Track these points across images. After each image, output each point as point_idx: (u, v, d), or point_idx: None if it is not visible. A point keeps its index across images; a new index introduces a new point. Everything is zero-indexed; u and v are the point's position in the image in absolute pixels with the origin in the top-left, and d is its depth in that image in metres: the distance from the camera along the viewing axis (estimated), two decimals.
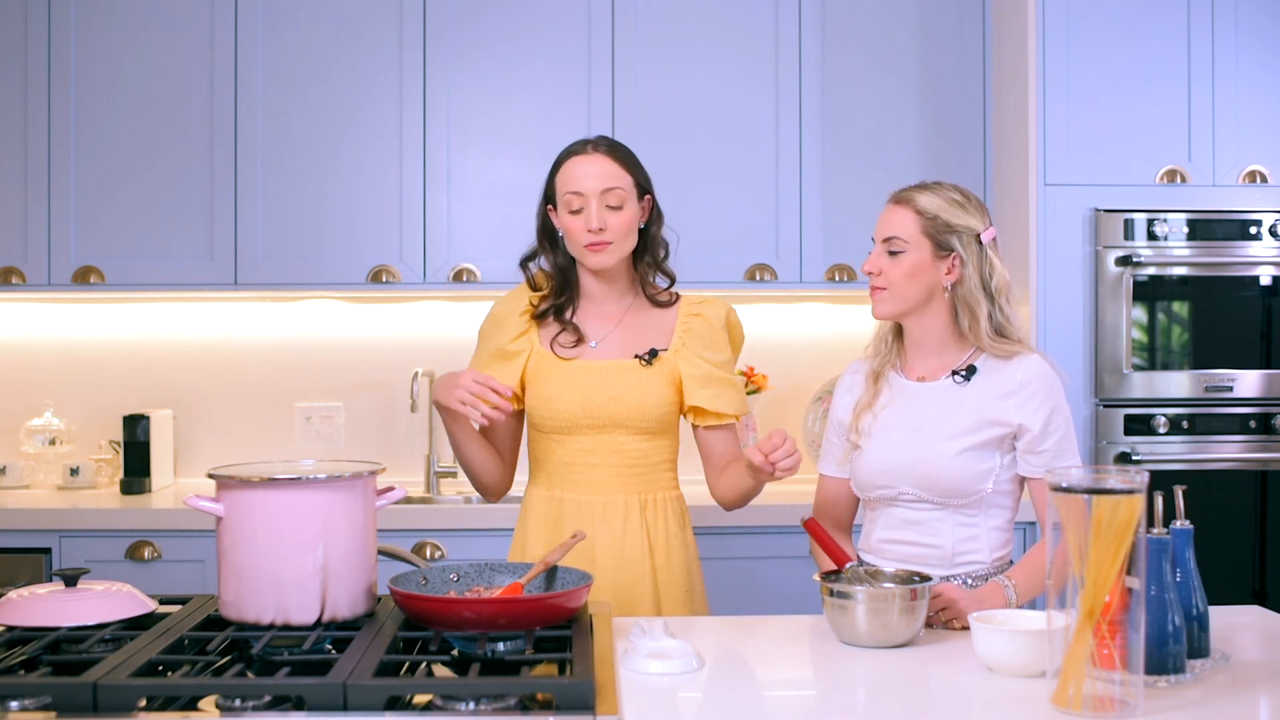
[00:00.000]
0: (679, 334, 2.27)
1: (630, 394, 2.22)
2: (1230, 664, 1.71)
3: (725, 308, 2.32)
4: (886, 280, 2.13)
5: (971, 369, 2.14)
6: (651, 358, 2.25)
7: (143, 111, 3.41)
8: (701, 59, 3.46)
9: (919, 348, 2.19)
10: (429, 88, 3.42)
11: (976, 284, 2.12)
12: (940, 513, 2.12)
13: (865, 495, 2.21)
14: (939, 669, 1.71)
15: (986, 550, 2.13)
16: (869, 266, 2.16)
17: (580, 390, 2.22)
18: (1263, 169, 3.22)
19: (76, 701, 1.41)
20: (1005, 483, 2.13)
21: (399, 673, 1.54)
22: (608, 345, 2.27)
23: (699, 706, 1.59)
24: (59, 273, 3.39)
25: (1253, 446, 3.22)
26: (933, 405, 2.14)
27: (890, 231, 2.13)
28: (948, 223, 2.11)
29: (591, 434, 2.23)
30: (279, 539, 1.70)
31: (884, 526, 2.18)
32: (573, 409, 2.21)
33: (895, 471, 2.13)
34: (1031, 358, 2.13)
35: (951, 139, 3.49)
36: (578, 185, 2.21)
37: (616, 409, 2.21)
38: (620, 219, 2.21)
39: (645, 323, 2.30)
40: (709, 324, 2.28)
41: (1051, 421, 2.10)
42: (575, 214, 2.21)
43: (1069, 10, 3.21)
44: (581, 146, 2.27)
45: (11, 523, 3.11)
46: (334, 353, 3.71)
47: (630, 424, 2.22)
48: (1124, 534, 1.46)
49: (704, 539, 3.14)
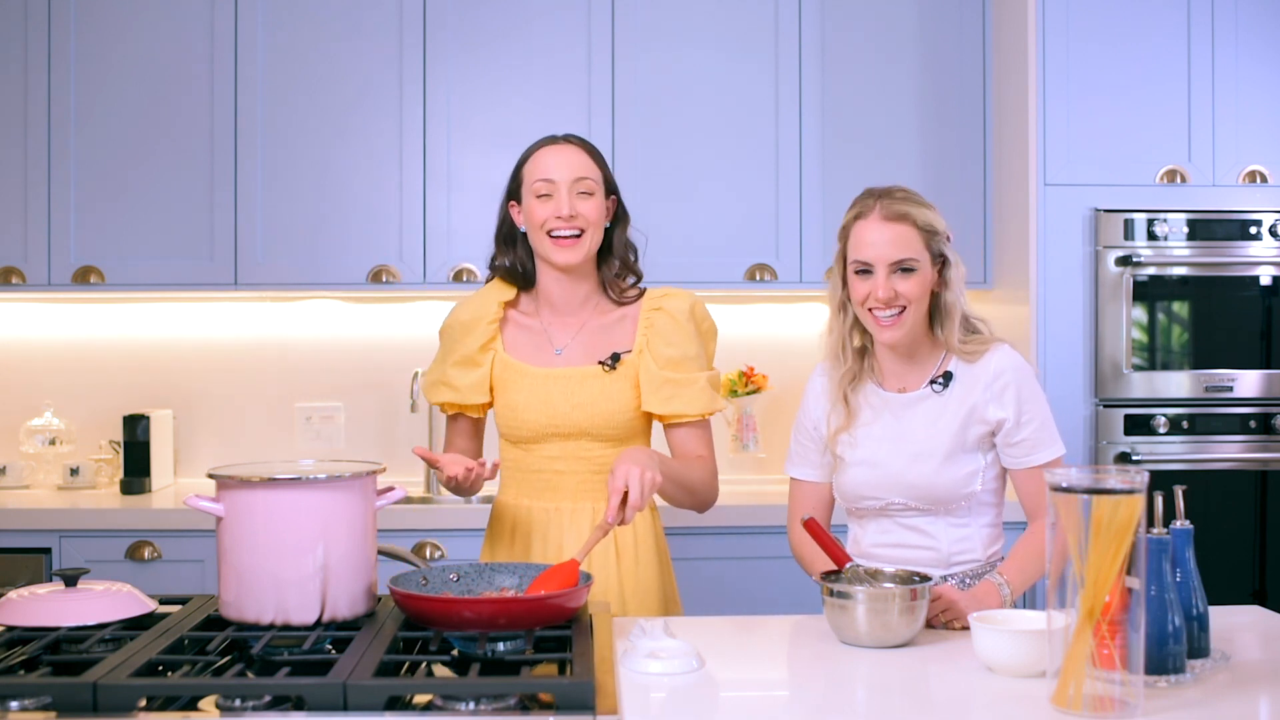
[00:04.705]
0: (641, 332, 2.21)
1: (594, 402, 2.18)
2: (1230, 664, 1.71)
3: (689, 300, 2.24)
4: (907, 300, 2.05)
5: (948, 375, 2.13)
6: (614, 363, 2.19)
7: (143, 112, 3.41)
8: (701, 60, 3.46)
9: (900, 359, 2.15)
10: (429, 87, 3.42)
11: (957, 288, 2.11)
12: (932, 517, 2.12)
13: (852, 507, 2.19)
14: (939, 669, 1.71)
15: (980, 548, 2.13)
16: (884, 292, 2.04)
17: (545, 399, 2.18)
18: (1263, 169, 3.22)
19: (76, 701, 1.41)
20: (991, 480, 2.13)
21: (399, 673, 1.54)
22: (572, 351, 2.23)
23: (699, 706, 1.59)
24: (59, 273, 3.39)
25: (1253, 446, 3.22)
26: (917, 417, 2.13)
27: (902, 252, 2.05)
28: (938, 230, 2.10)
29: (558, 442, 2.19)
30: (279, 539, 1.70)
31: (875, 532, 2.17)
32: (538, 418, 2.18)
33: (884, 486, 2.12)
34: (999, 350, 2.11)
35: (951, 140, 3.49)
36: (549, 173, 2.17)
37: (581, 417, 2.17)
38: (591, 206, 2.17)
39: (609, 325, 2.24)
40: (671, 317, 2.21)
41: (1024, 409, 2.08)
42: (543, 199, 2.17)
43: (1069, 10, 3.21)
44: (552, 139, 2.24)
45: (11, 523, 3.11)
46: (334, 353, 3.71)
47: (595, 431, 2.18)
48: (1124, 534, 1.46)
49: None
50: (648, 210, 3.43)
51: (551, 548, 2.19)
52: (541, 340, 2.25)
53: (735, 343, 3.70)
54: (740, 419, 3.62)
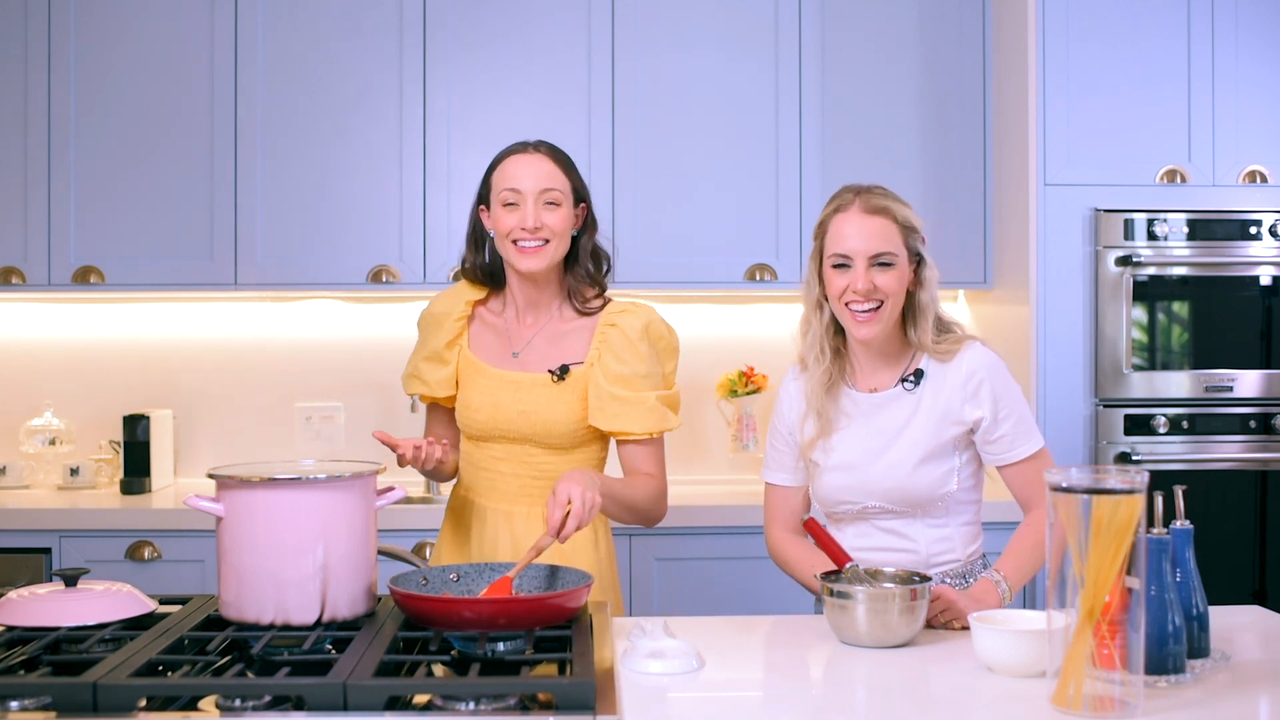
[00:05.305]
0: (594, 346, 2.21)
1: (538, 410, 2.19)
2: (1230, 664, 1.71)
3: (644, 318, 2.23)
4: (884, 294, 2.06)
5: (919, 373, 2.12)
6: (562, 374, 2.20)
7: (143, 112, 3.41)
8: (701, 60, 3.46)
9: (873, 359, 2.15)
10: (429, 88, 3.42)
11: (931, 288, 2.11)
12: (910, 519, 2.12)
13: (830, 511, 2.19)
14: (939, 669, 1.71)
15: (960, 547, 2.13)
16: (862, 285, 2.04)
17: (495, 400, 2.21)
18: (1263, 169, 3.22)
19: (76, 701, 1.41)
20: (968, 478, 2.13)
21: (399, 673, 1.54)
22: (528, 356, 2.24)
23: (699, 706, 1.59)
24: (59, 273, 3.39)
25: (1253, 446, 3.21)
26: (890, 417, 2.12)
27: (881, 245, 2.06)
28: (916, 228, 2.11)
29: (505, 443, 2.22)
30: (279, 539, 1.70)
31: (855, 535, 2.17)
32: (486, 417, 2.21)
33: (860, 489, 2.12)
34: (972, 348, 2.11)
35: (951, 141, 3.49)
36: (516, 182, 2.18)
37: (525, 424, 2.19)
38: (557, 218, 2.18)
39: (568, 333, 2.25)
40: (624, 334, 2.20)
41: (1001, 406, 2.08)
42: (509, 207, 2.18)
43: (1069, 10, 3.21)
44: (522, 146, 2.24)
45: (11, 523, 3.11)
46: (334, 353, 3.71)
47: (539, 439, 2.20)
48: (1124, 534, 1.46)
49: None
50: (648, 210, 3.45)
51: (487, 544, 2.22)
52: (503, 341, 2.28)
53: (735, 343, 3.71)
54: (740, 419, 3.62)
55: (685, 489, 3.49)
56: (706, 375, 3.67)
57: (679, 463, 3.70)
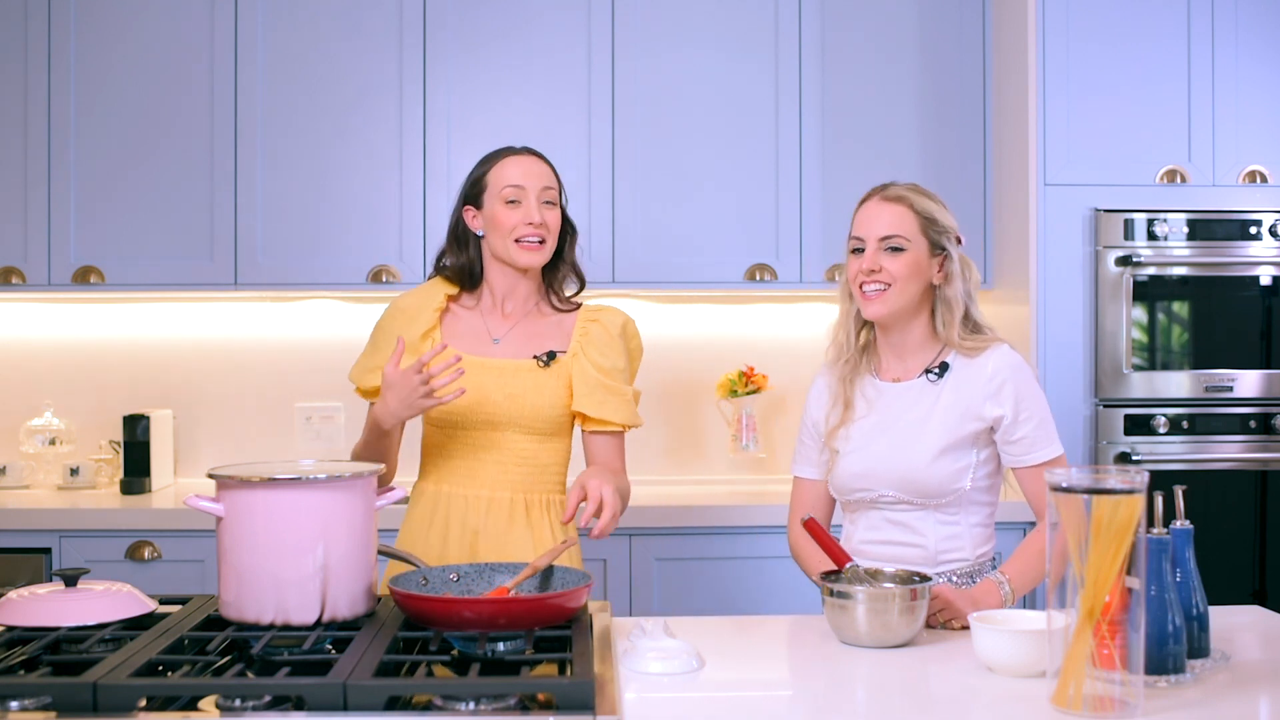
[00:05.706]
0: (577, 338, 2.28)
1: (525, 394, 2.23)
2: (1230, 664, 1.71)
3: (622, 317, 2.33)
4: (890, 276, 2.11)
5: (944, 365, 2.15)
6: (549, 359, 2.26)
7: (143, 112, 3.41)
8: (701, 60, 3.46)
9: (897, 349, 2.19)
10: (429, 88, 3.42)
11: (960, 284, 2.13)
12: (921, 513, 2.13)
13: (844, 498, 2.21)
14: (939, 669, 1.71)
15: (970, 547, 2.13)
16: (869, 264, 2.12)
17: (478, 387, 2.22)
18: (1263, 169, 3.22)
19: (76, 701, 1.41)
20: (983, 479, 2.13)
21: (399, 673, 1.54)
22: (509, 343, 2.29)
23: (699, 706, 1.59)
24: (59, 273, 3.39)
25: (1253, 446, 3.22)
26: (910, 406, 2.15)
27: (891, 229, 2.12)
28: (940, 223, 2.14)
29: (485, 431, 2.24)
30: (279, 539, 1.70)
31: (865, 528, 2.18)
32: (468, 405, 2.22)
33: (874, 475, 2.14)
34: (1000, 349, 2.14)
35: (952, 140, 3.49)
36: (519, 180, 2.25)
37: (511, 408, 2.23)
38: (554, 217, 2.27)
39: (546, 327, 2.31)
40: (605, 330, 2.29)
41: (1022, 408, 2.10)
42: (512, 205, 2.24)
43: (1069, 10, 3.21)
44: (512, 150, 2.31)
45: (11, 523, 3.11)
46: (334, 353, 3.70)
47: (523, 424, 2.23)
48: (1124, 534, 1.46)
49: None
50: (648, 210, 3.45)
51: (468, 534, 2.23)
52: (480, 330, 2.31)
53: (735, 343, 3.71)
54: (740, 419, 3.62)
55: (685, 489, 3.49)
56: (706, 375, 3.67)
57: (679, 463, 3.71)
